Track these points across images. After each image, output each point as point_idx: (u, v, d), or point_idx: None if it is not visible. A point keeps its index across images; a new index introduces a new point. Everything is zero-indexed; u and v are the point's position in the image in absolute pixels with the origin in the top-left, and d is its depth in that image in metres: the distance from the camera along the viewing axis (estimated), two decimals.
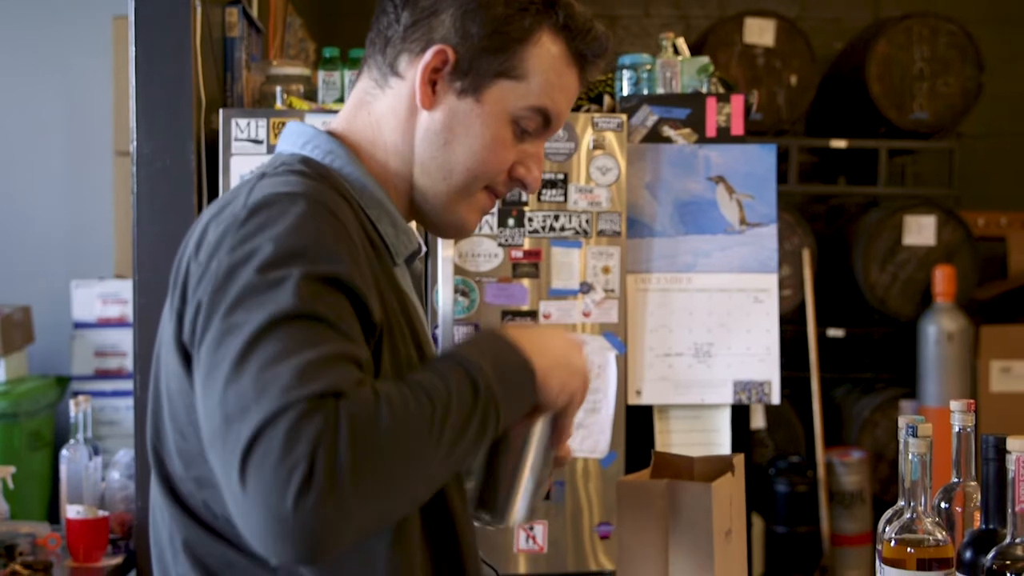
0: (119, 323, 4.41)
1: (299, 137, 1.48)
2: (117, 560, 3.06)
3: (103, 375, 4.42)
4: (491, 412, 1.26)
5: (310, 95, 3.46)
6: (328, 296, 1.23)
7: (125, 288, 4.31)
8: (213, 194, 3.24)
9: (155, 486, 1.40)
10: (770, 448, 5.50)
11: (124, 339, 4.33)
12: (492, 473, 1.42)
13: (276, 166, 1.42)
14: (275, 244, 1.24)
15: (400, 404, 1.18)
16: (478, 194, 1.48)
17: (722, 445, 3.45)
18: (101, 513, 3.04)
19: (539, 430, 1.41)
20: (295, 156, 1.46)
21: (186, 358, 1.31)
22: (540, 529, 3.30)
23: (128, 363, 4.31)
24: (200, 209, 3.26)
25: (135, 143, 3.20)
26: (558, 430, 1.43)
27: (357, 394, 1.16)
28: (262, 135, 3.16)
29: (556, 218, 3.37)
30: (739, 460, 1.62)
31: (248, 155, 3.16)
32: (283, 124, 3.09)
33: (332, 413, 1.13)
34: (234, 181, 3.16)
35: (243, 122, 3.16)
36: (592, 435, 3.34)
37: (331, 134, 1.49)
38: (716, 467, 1.61)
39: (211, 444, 1.19)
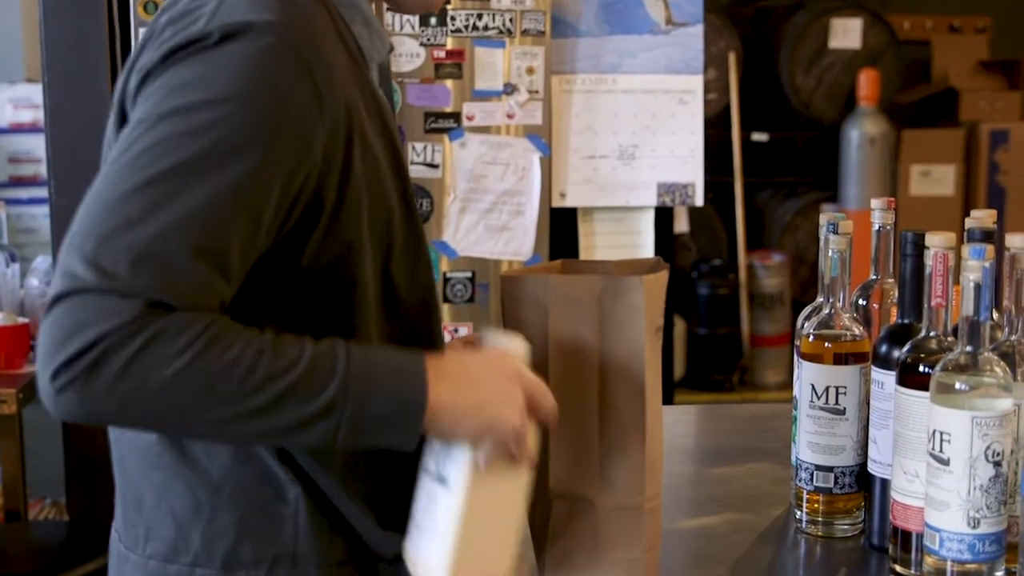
0: (32, 128, 4.29)
1: None
2: None
3: (18, 182, 4.32)
4: (336, 415, 1.18)
5: None
6: (255, 153, 1.18)
7: (37, 92, 4.17)
8: None
9: None
10: (693, 252, 5.55)
11: (39, 145, 4.20)
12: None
13: None
14: (225, 87, 1.18)
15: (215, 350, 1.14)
16: None
17: (646, 247, 3.46)
18: (21, 320, 3.01)
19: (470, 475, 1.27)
20: None
21: None
22: (464, 330, 3.33)
23: (44, 169, 4.21)
24: (110, 10, 3.15)
25: None
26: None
27: (183, 316, 1.13)
28: None
29: (479, 17, 3.29)
30: (660, 262, 1.55)
31: None
32: None
33: (148, 319, 1.11)
34: None
35: None
36: (516, 238, 3.34)
37: None
38: (638, 269, 1.54)
39: (70, 235, 1.16)
